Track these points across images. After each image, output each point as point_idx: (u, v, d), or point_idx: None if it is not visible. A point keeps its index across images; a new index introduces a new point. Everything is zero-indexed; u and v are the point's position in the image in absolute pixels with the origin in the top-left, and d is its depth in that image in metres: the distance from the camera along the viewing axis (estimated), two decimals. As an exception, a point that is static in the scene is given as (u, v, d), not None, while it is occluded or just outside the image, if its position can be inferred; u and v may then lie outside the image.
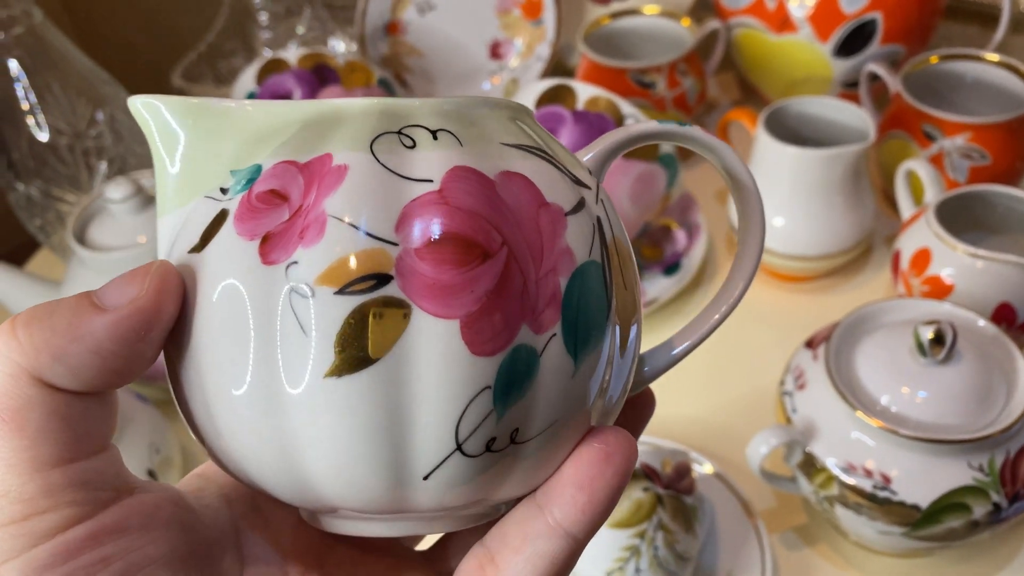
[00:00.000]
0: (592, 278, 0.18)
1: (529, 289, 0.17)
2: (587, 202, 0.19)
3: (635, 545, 0.44)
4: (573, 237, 0.18)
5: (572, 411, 0.18)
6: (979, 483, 0.42)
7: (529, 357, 0.17)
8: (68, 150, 0.67)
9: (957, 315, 0.47)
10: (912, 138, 0.63)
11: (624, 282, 0.19)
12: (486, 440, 0.17)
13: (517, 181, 0.18)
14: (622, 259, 0.19)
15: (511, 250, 0.17)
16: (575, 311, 0.18)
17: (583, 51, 0.72)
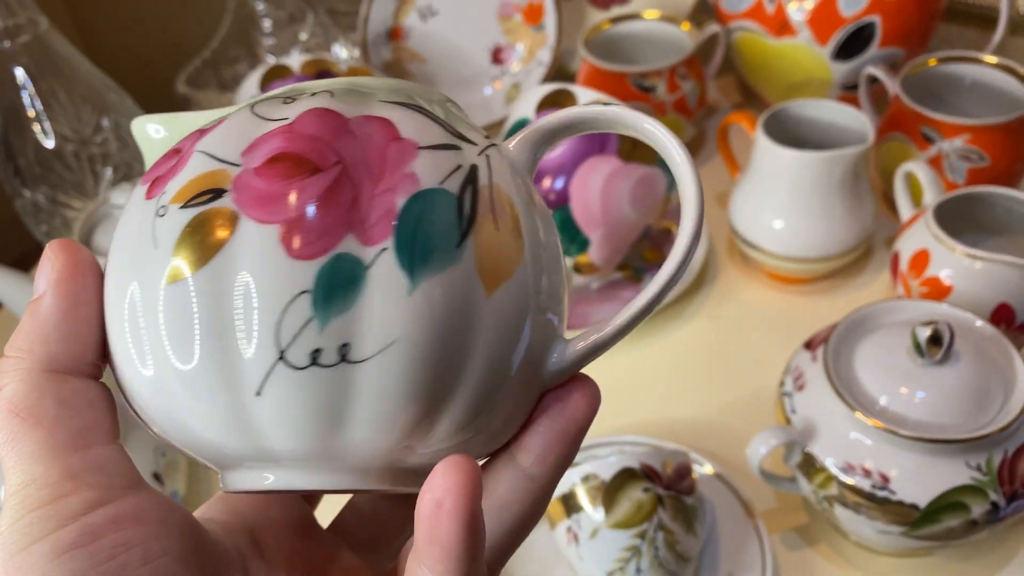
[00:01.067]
0: (439, 204, 0.18)
1: (361, 203, 0.18)
2: (462, 150, 0.19)
3: (636, 545, 0.44)
4: (423, 166, 0.18)
5: (417, 336, 0.17)
6: (977, 482, 0.42)
7: (353, 266, 0.17)
8: (74, 157, 0.68)
9: (955, 316, 0.48)
10: (911, 140, 0.63)
11: (498, 226, 0.19)
12: (310, 350, 0.17)
13: (375, 121, 0.19)
14: (498, 206, 0.19)
15: (345, 168, 0.18)
16: (412, 229, 0.18)
17: (584, 56, 0.73)
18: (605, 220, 0.58)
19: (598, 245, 0.59)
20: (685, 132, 0.75)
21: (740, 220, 0.63)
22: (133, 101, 0.72)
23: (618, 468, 0.45)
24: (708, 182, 0.75)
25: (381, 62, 0.83)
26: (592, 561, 0.45)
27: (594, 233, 0.58)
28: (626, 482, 0.45)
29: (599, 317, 0.63)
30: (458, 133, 0.20)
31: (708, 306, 0.65)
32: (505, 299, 0.18)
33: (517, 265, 0.19)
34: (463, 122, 0.21)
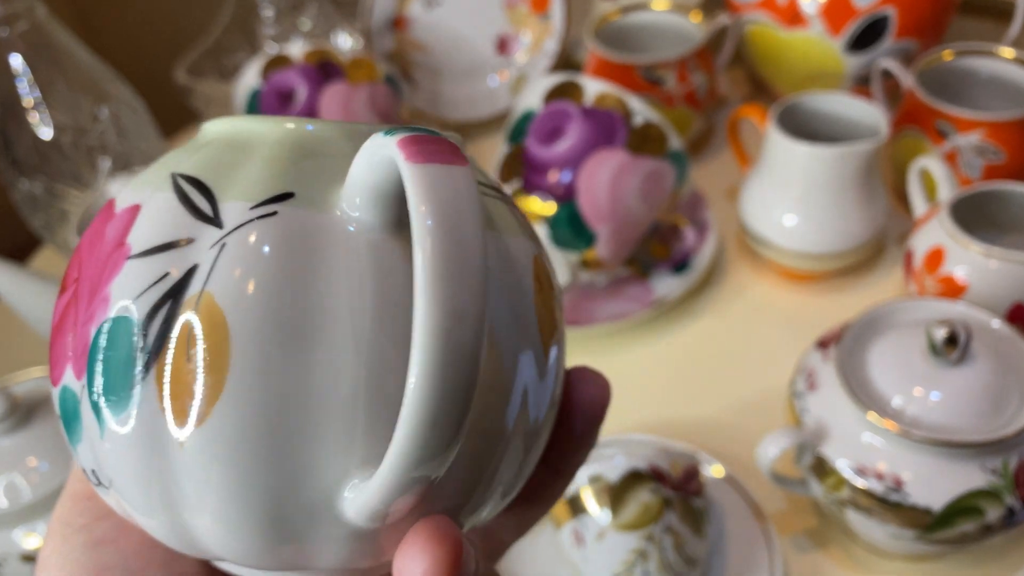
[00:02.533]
0: (120, 332, 0.16)
1: (77, 331, 0.16)
2: (188, 246, 0.16)
3: (643, 548, 0.43)
4: (120, 284, 0.16)
5: (123, 473, 0.16)
6: (993, 486, 0.41)
7: (73, 401, 0.17)
8: (72, 147, 0.67)
9: (971, 315, 0.47)
10: (925, 135, 0.62)
11: (189, 352, 0.15)
12: (91, 472, 0.18)
13: (125, 215, 0.17)
14: (200, 325, 0.15)
15: (76, 289, 0.17)
16: (92, 369, 0.16)
17: (591, 46, 0.71)
18: (613, 215, 0.57)
19: (605, 240, 0.58)
20: (694, 124, 0.74)
21: (750, 215, 0.62)
22: (132, 90, 0.71)
23: (625, 469, 0.44)
24: (718, 176, 0.74)
25: (384, 51, 0.82)
26: (598, 564, 0.44)
27: (601, 228, 0.57)
28: (633, 483, 0.44)
29: (606, 314, 0.62)
30: (205, 215, 0.16)
31: (717, 303, 0.64)
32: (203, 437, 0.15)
33: (219, 396, 0.15)
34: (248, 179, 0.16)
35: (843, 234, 0.59)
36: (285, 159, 0.16)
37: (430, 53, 0.82)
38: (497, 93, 0.82)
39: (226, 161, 0.17)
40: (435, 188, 0.13)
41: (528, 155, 0.58)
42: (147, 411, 0.15)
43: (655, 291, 0.63)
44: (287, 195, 0.16)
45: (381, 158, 0.15)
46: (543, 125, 0.58)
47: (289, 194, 0.16)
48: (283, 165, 0.16)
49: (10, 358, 0.66)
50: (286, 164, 0.16)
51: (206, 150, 0.17)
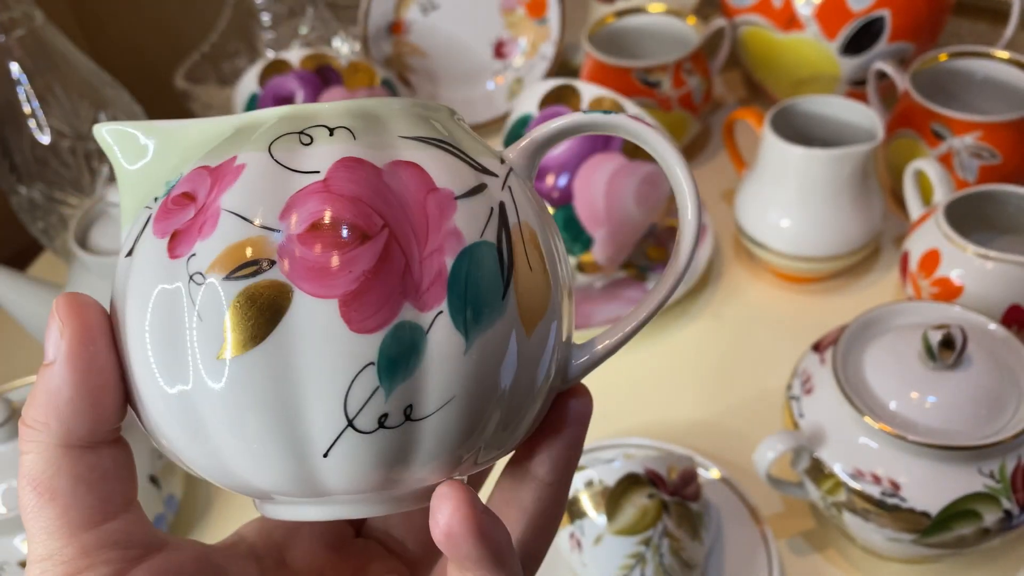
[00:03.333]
0: (484, 258, 0.18)
1: (412, 268, 0.18)
2: (488, 187, 0.19)
3: (640, 552, 0.43)
4: (463, 219, 0.18)
5: (472, 389, 0.18)
6: (990, 490, 0.41)
7: (413, 334, 0.18)
8: (70, 153, 0.67)
9: (967, 319, 0.47)
10: (921, 137, 0.62)
11: (531, 265, 0.19)
12: (377, 416, 0.18)
13: (407, 169, 0.19)
14: (528, 243, 0.20)
15: (392, 232, 0.18)
16: (463, 289, 0.18)
17: (588, 50, 0.71)
18: (609, 218, 0.57)
19: (602, 244, 0.58)
20: (690, 128, 0.74)
21: (746, 218, 0.62)
22: (131, 96, 0.71)
23: (622, 473, 0.44)
24: (714, 179, 0.74)
25: (382, 56, 0.82)
26: (596, 568, 0.44)
27: (598, 231, 0.57)
28: (630, 488, 0.44)
29: (602, 317, 0.62)
30: (480, 166, 0.20)
31: (713, 305, 0.64)
32: (542, 334, 0.20)
33: (549, 299, 0.20)
34: (474, 142, 0.21)
35: (839, 237, 0.59)
36: (473, 134, 0.22)
37: (427, 57, 0.82)
38: (494, 97, 0.82)
39: (439, 128, 0.20)
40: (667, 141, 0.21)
41: (525, 160, 0.59)
42: (507, 322, 0.19)
43: (652, 294, 0.63)
44: (503, 155, 0.21)
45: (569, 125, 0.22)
46: (540, 130, 0.59)
47: (503, 154, 0.22)
48: (476, 138, 0.21)
49: (8, 365, 0.66)
50: (478, 139, 0.21)
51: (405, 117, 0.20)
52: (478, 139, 0.22)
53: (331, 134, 0.19)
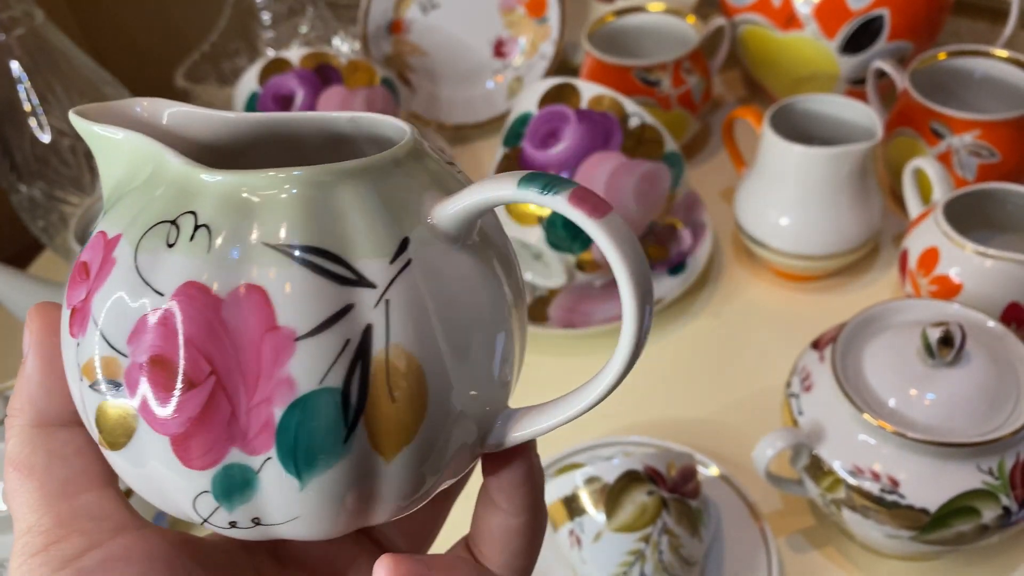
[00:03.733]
0: (320, 408, 0.18)
1: (239, 417, 0.18)
2: (355, 308, 0.18)
3: (640, 549, 0.43)
4: (300, 365, 0.17)
5: (316, 513, 0.19)
6: (989, 487, 0.41)
7: (244, 473, 0.18)
8: (70, 152, 0.67)
9: (966, 316, 0.47)
10: (920, 136, 0.62)
11: (394, 397, 0.18)
12: (227, 521, 0.19)
13: (250, 299, 0.17)
14: (395, 371, 0.18)
15: (220, 380, 0.17)
16: (292, 441, 0.18)
17: (587, 49, 0.72)
18: (609, 217, 0.57)
19: (601, 242, 0.58)
20: (690, 127, 0.74)
21: (745, 217, 0.62)
22: (131, 95, 0.71)
23: (622, 471, 0.44)
24: (713, 178, 0.74)
25: (382, 55, 0.82)
26: (595, 565, 0.44)
27: (597, 230, 0.58)
28: (630, 485, 0.44)
29: (602, 315, 0.62)
30: (355, 277, 0.18)
31: (713, 304, 0.64)
32: (410, 455, 0.19)
33: (421, 421, 0.19)
34: (380, 219, 0.18)
35: (838, 235, 0.59)
36: (383, 206, 0.19)
37: (427, 56, 0.82)
38: (494, 96, 0.82)
39: (320, 216, 0.18)
40: (619, 234, 0.18)
41: (525, 158, 0.59)
42: (353, 460, 0.18)
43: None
44: (405, 240, 0.19)
45: (502, 198, 0.19)
46: (539, 128, 0.59)
47: (406, 239, 0.19)
48: (386, 213, 0.19)
49: (9, 362, 0.66)
50: (387, 211, 0.19)
51: (283, 207, 0.18)
52: (407, 203, 0.19)
53: (192, 237, 0.18)
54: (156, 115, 0.22)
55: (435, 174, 0.21)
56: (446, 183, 0.20)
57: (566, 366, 0.60)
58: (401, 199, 0.19)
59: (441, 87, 0.83)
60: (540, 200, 0.18)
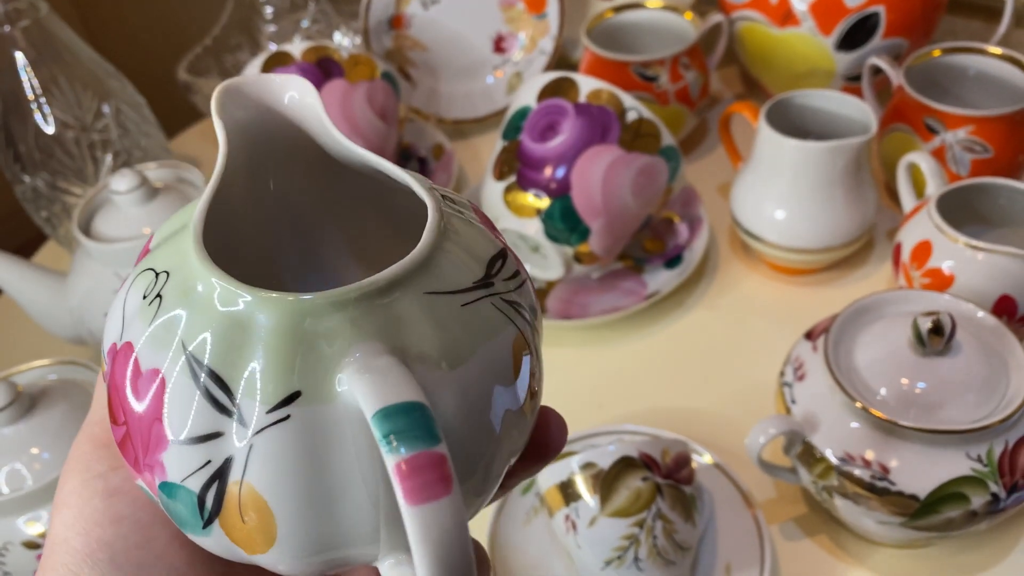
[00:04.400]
0: (181, 497, 0.20)
1: (140, 463, 0.20)
2: (219, 440, 0.19)
3: (634, 534, 0.44)
4: (170, 459, 0.19)
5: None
6: (978, 473, 0.42)
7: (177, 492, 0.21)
8: (74, 143, 0.68)
9: (956, 306, 0.48)
10: (914, 131, 0.63)
11: (244, 519, 0.19)
12: None
13: (149, 378, 0.20)
14: (244, 504, 0.19)
15: (128, 431, 0.20)
16: (169, 505, 0.20)
17: (586, 45, 0.72)
18: (606, 209, 0.58)
19: (599, 234, 0.59)
20: (687, 122, 0.75)
21: (742, 210, 0.63)
22: (134, 88, 0.72)
23: (617, 457, 0.45)
24: (710, 173, 0.75)
25: (382, 50, 0.82)
26: (590, 550, 0.44)
27: (595, 222, 0.58)
28: (625, 471, 0.45)
29: (599, 307, 0.63)
30: (234, 411, 0.18)
31: (709, 296, 0.64)
32: (274, 556, 0.20)
33: (273, 543, 0.19)
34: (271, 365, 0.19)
35: (833, 229, 0.60)
36: (287, 354, 0.18)
37: (428, 51, 0.83)
38: (493, 91, 0.83)
39: (233, 345, 0.19)
40: (430, 531, 0.17)
41: (523, 151, 0.59)
42: (222, 541, 0.20)
43: (648, 285, 0.64)
44: (295, 395, 0.18)
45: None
46: (538, 121, 0.59)
47: (297, 393, 0.18)
48: (287, 361, 0.18)
49: (13, 349, 0.67)
50: (290, 359, 0.18)
51: (208, 318, 0.19)
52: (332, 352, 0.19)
53: (160, 300, 0.20)
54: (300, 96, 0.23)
55: (406, 316, 0.19)
56: (415, 328, 0.19)
57: (564, 357, 0.61)
58: (329, 346, 0.19)
59: (441, 82, 0.83)
60: (380, 446, 0.17)
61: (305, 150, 0.24)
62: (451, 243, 0.20)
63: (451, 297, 0.20)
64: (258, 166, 0.24)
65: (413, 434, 0.17)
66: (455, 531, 0.17)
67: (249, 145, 0.23)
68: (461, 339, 0.20)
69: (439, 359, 0.19)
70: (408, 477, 0.17)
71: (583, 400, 0.58)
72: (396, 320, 0.19)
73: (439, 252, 0.20)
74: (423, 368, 0.19)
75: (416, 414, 0.17)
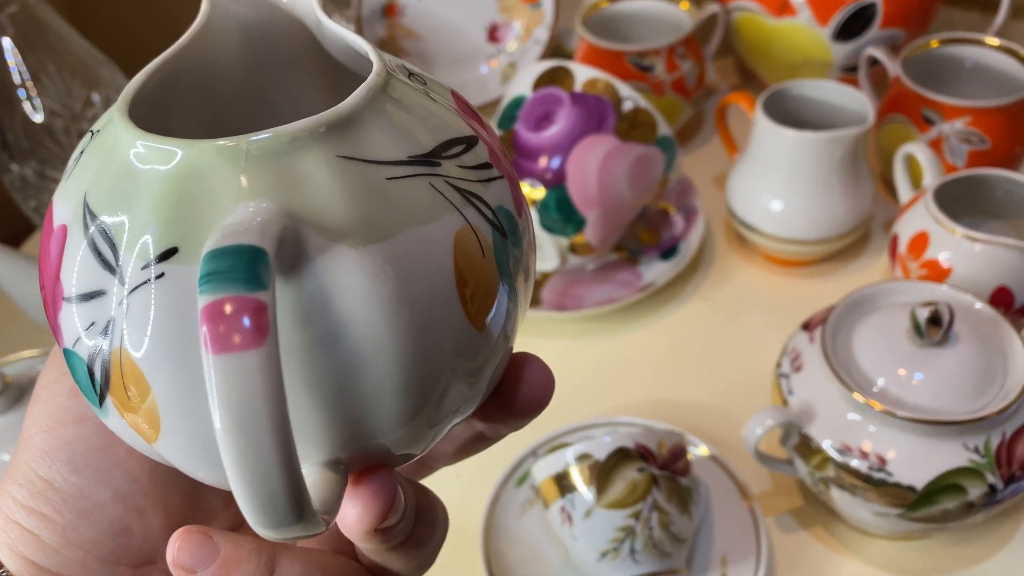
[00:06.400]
0: (75, 365, 0.19)
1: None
2: (101, 299, 0.18)
3: (630, 526, 0.43)
4: (64, 320, 0.18)
5: None
6: (975, 464, 0.42)
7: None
8: (63, 132, 0.67)
9: (954, 297, 0.47)
10: (911, 122, 0.63)
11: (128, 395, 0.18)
12: None
13: (58, 234, 0.19)
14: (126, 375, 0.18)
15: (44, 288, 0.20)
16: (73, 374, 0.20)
17: (581, 34, 0.72)
18: (602, 200, 0.58)
19: (594, 225, 0.58)
20: (683, 112, 0.74)
21: (738, 202, 0.63)
22: (124, 76, 0.71)
23: (613, 448, 0.44)
24: (706, 163, 0.75)
25: (376, 39, 0.82)
26: (586, 541, 0.44)
27: (590, 213, 0.58)
28: (621, 462, 0.44)
29: (595, 298, 0.62)
30: (115, 268, 0.17)
31: (705, 288, 0.64)
32: (166, 444, 0.18)
33: (159, 428, 0.18)
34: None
35: (829, 220, 0.60)
36: (170, 206, 0.17)
37: (421, 40, 0.82)
38: (488, 81, 0.82)
39: (122, 195, 0.17)
40: (230, 390, 0.15)
41: (518, 141, 0.59)
42: (120, 422, 0.19)
43: (644, 276, 0.64)
44: (172, 251, 0.17)
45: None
46: (533, 111, 0.59)
47: (173, 249, 0.17)
48: (168, 215, 0.17)
49: (1, 340, 0.66)
50: (170, 213, 0.17)
51: (109, 168, 0.18)
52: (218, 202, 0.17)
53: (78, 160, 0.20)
54: None
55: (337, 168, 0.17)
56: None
57: (558, 349, 0.61)
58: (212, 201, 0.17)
59: (435, 71, 0.83)
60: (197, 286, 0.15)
61: (307, 60, 0.23)
62: (390, 111, 0.18)
63: (372, 167, 0.17)
64: (259, 70, 0.23)
65: (230, 276, 0.15)
66: (265, 393, 0.15)
67: (249, 49, 0.22)
68: (376, 215, 0.17)
69: (343, 232, 0.17)
70: (211, 320, 0.15)
71: (579, 392, 0.57)
72: (294, 181, 0.17)
73: (368, 116, 0.17)
74: (319, 238, 0.16)
75: (244, 257, 0.15)
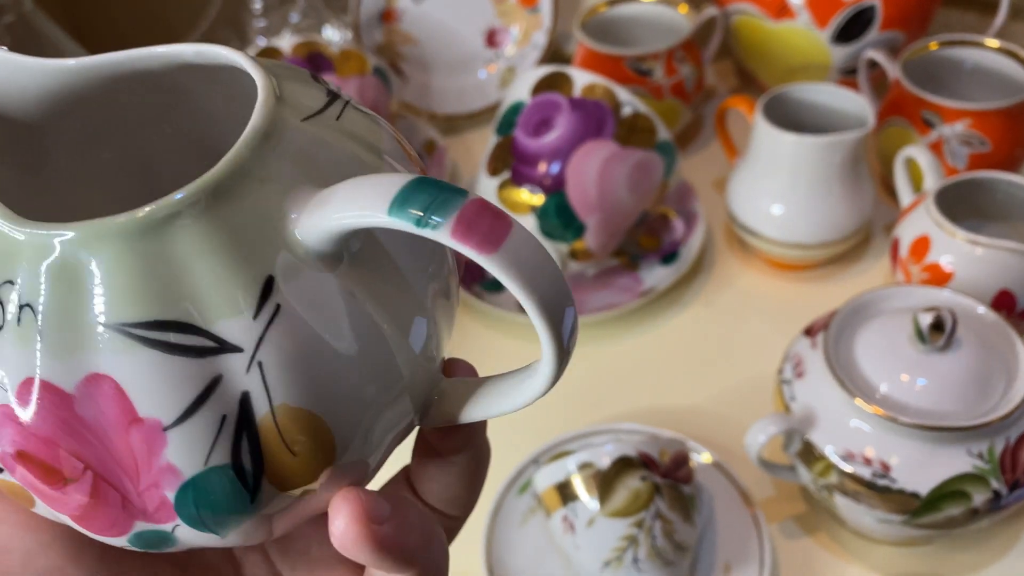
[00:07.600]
0: (213, 484, 0.16)
1: (132, 500, 0.16)
2: (224, 381, 0.15)
3: (633, 535, 0.43)
4: (177, 453, 0.16)
5: (243, 540, 0.18)
6: (979, 471, 0.42)
7: (159, 534, 0.17)
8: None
9: (957, 302, 0.47)
10: (911, 125, 0.62)
11: (293, 451, 0.16)
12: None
13: (103, 392, 0.15)
14: (288, 426, 0.16)
15: (97, 473, 0.16)
16: (195, 513, 0.17)
17: (580, 38, 0.71)
18: (601, 205, 0.57)
19: (594, 231, 0.58)
20: (682, 116, 0.74)
21: (738, 206, 0.62)
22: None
23: (615, 456, 0.44)
24: (705, 167, 0.75)
25: (373, 44, 0.82)
26: (588, 551, 0.44)
27: (590, 218, 0.58)
28: (623, 470, 0.44)
29: (595, 304, 0.62)
30: (215, 344, 0.15)
31: (705, 293, 0.64)
32: (328, 479, 0.18)
33: (332, 463, 0.17)
34: (230, 268, 0.15)
35: (830, 224, 0.59)
36: (231, 247, 0.16)
37: (419, 46, 0.82)
38: (486, 86, 0.82)
39: (164, 281, 0.15)
40: (522, 266, 0.15)
41: (517, 146, 0.59)
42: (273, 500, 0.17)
43: (644, 281, 0.63)
44: (269, 284, 0.16)
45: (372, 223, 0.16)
46: (532, 116, 0.59)
47: (269, 281, 0.16)
48: (235, 255, 0.16)
49: None
50: (238, 253, 0.16)
51: (115, 273, 0.15)
52: (264, 222, 0.16)
53: (19, 320, 0.15)
54: None
55: (301, 151, 0.17)
56: (323, 154, 0.17)
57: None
58: (256, 220, 0.16)
59: (433, 76, 0.82)
60: (419, 233, 0.15)
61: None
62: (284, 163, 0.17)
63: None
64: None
65: (438, 202, 0.15)
66: (541, 253, 0.16)
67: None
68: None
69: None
70: (470, 232, 0.15)
71: (579, 399, 0.57)
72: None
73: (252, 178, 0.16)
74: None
75: (424, 190, 0.15)
